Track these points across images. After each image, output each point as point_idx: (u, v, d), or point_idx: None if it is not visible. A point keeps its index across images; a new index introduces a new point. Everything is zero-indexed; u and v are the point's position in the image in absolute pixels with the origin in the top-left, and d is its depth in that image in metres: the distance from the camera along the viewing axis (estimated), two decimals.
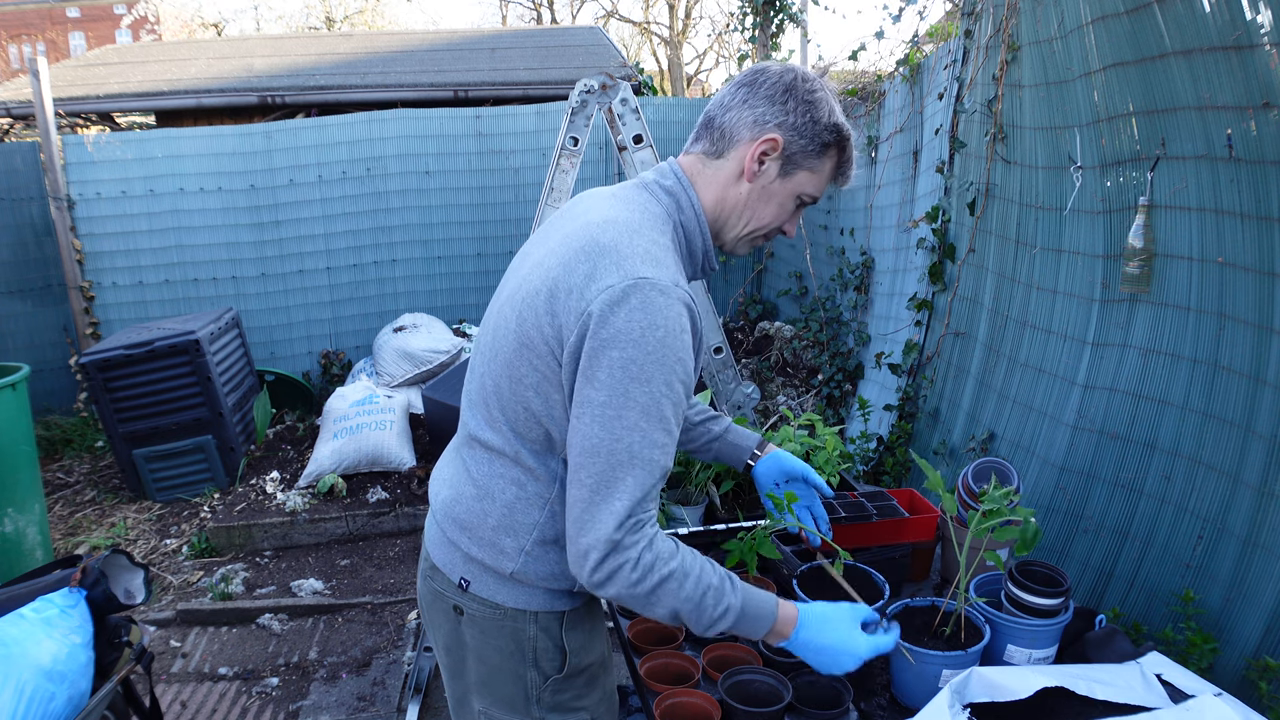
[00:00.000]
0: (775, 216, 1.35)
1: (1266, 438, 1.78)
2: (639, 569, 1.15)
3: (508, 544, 1.29)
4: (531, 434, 1.25)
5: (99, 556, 2.14)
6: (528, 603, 1.31)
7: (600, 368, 1.11)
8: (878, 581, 1.64)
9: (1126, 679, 1.40)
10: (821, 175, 1.33)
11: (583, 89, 3.64)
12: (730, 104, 1.30)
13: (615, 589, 1.16)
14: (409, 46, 8.39)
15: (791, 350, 5.21)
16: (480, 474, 1.31)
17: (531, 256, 1.32)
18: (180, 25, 18.03)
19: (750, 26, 6.33)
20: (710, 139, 1.32)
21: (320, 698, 3.01)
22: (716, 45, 22.48)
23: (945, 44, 3.58)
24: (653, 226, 1.26)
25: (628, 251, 1.17)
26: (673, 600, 1.18)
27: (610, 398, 1.11)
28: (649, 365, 1.11)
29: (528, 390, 1.22)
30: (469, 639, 1.36)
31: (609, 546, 1.13)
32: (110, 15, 30.47)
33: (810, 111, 1.27)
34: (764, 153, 1.28)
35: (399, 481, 4.42)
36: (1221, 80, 1.81)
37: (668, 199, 1.32)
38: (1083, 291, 2.43)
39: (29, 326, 5.51)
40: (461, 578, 1.34)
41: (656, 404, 1.13)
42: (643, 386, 1.11)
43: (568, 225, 1.29)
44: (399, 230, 5.91)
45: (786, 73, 1.29)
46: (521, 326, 1.21)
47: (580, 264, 1.17)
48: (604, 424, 1.12)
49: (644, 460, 1.13)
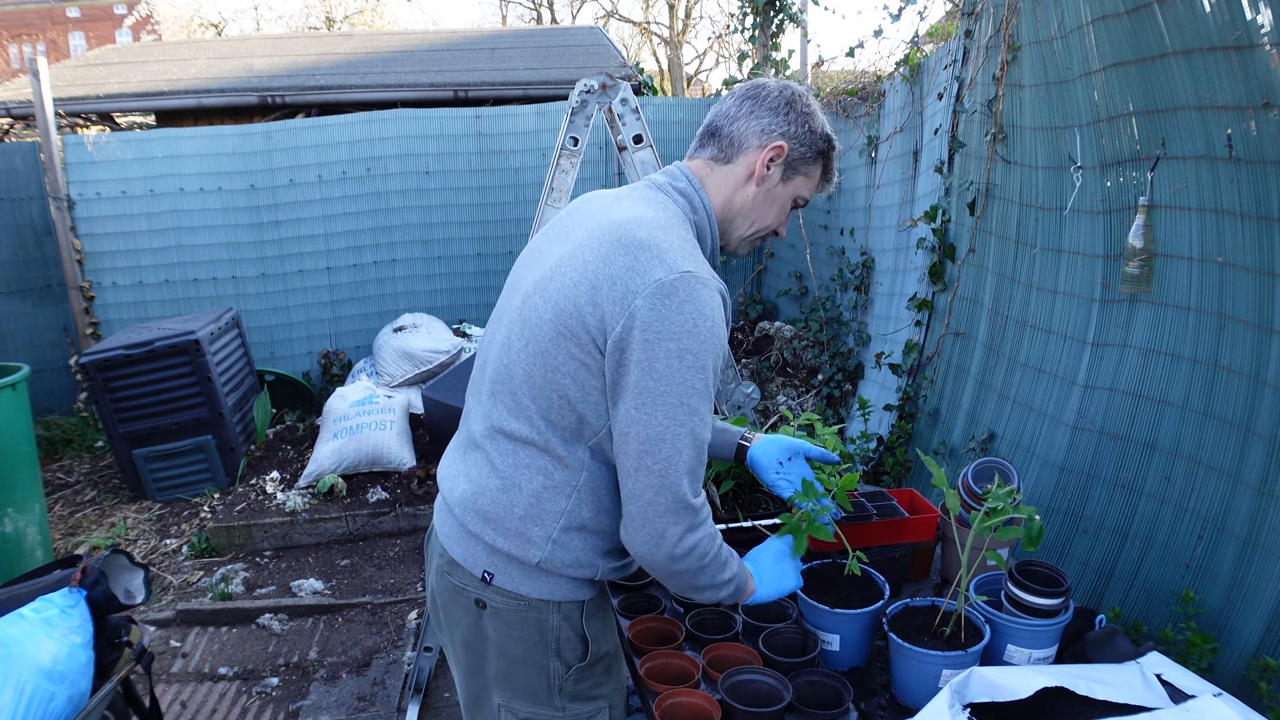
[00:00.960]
0: (775, 217, 1.48)
1: (1266, 438, 1.78)
2: (715, 542, 1.29)
3: (535, 533, 1.32)
4: (563, 421, 1.29)
5: (99, 556, 2.15)
6: (551, 592, 1.35)
7: (659, 359, 1.19)
8: (878, 581, 1.64)
9: (1126, 679, 1.40)
10: (814, 180, 1.48)
11: (583, 89, 3.64)
12: (736, 115, 1.43)
13: (690, 561, 1.26)
14: (409, 46, 8.39)
15: (791, 350, 5.21)
16: (505, 465, 1.33)
17: (553, 253, 1.35)
18: (180, 25, 18.03)
19: (750, 26, 6.33)
20: (718, 146, 1.44)
21: (320, 698, 3.01)
22: (716, 45, 22.50)
23: (945, 44, 3.58)
24: (678, 224, 1.34)
25: (665, 246, 1.24)
26: (716, 565, 1.30)
27: (670, 387, 1.19)
28: (703, 354, 1.21)
29: (565, 378, 1.26)
30: (491, 632, 1.38)
31: (689, 517, 1.24)
32: (110, 15, 30.48)
33: (808, 122, 1.42)
34: (772, 158, 1.41)
35: (399, 481, 4.42)
36: (1221, 80, 1.81)
37: (682, 200, 1.40)
38: (1083, 291, 2.43)
39: (29, 326, 5.51)
40: (485, 571, 1.36)
41: (708, 387, 1.23)
42: (699, 374, 1.21)
43: (589, 222, 1.34)
44: (399, 230, 5.91)
45: (785, 89, 1.44)
46: (559, 316, 1.25)
47: (619, 257, 1.23)
48: (667, 411, 1.20)
49: (700, 441, 1.24)
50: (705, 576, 1.30)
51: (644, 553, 1.26)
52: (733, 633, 1.67)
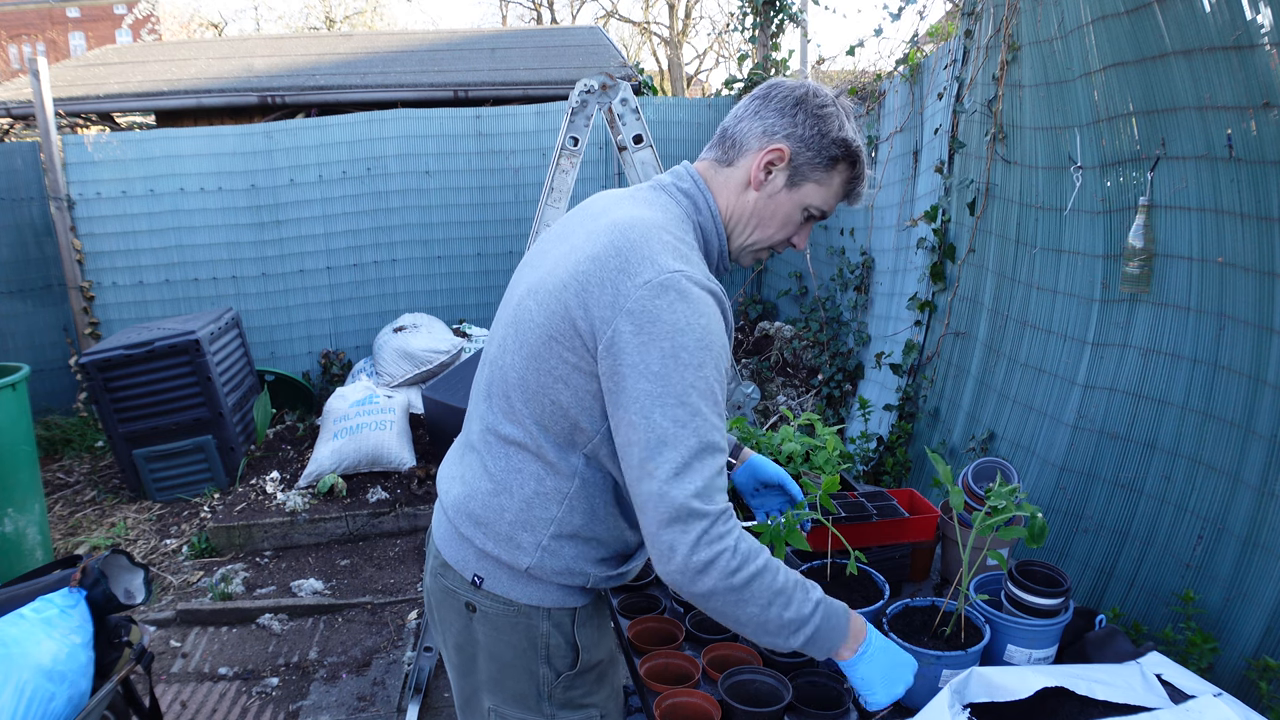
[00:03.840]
0: (781, 227, 1.38)
1: (1266, 438, 1.78)
2: (737, 556, 1.14)
3: (525, 539, 1.30)
4: (556, 426, 1.26)
5: (99, 556, 2.15)
6: (541, 599, 1.33)
7: (653, 360, 1.13)
8: (878, 581, 1.64)
9: (1126, 679, 1.40)
10: (829, 189, 1.35)
11: (583, 89, 3.64)
12: (743, 115, 1.35)
13: (712, 579, 1.12)
14: (409, 46, 8.39)
15: (791, 350, 5.21)
16: (498, 469, 1.31)
17: (551, 254, 1.33)
18: (180, 25, 18.04)
19: (750, 26, 6.33)
20: (722, 147, 1.37)
21: (320, 698, 3.01)
22: (716, 45, 22.50)
23: (945, 44, 3.58)
24: (677, 225, 1.30)
25: (658, 247, 1.20)
26: (766, 593, 1.15)
27: (668, 388, 1.13)
28: (700, 353, 1.15)
29: (556, 382, 1.23)
30: (481, 636, 1.37)
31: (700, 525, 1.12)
32: (110, 15, 30.48)
33: (819, 125, 1.31)
34: (770, 162, 1.32)
35: (399, 481, 4.42)
36: (1222, 80, 1.81)
37: (686, 201, 1.36)
38: (1083, 291, 2.43)
39: (29, 326, 5.51)
40: (475, 574, 1.35)
41: (710, 389, 1.16)
42: (697, 373, 1.14)
43: (589, 223, 1.31)
44: (399, 230, 5.91)
45: (799, 87, 1.33)
46: (550, 319, 1.23)
47: (611, 258, 1.19)
48: (667, 412, 1.13)
49: (709, 444, 1.14)
50: (753, 602, 1.15)
51: (661, 572, 1.15)
52: (732, 633, 1.67)
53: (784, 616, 1.18)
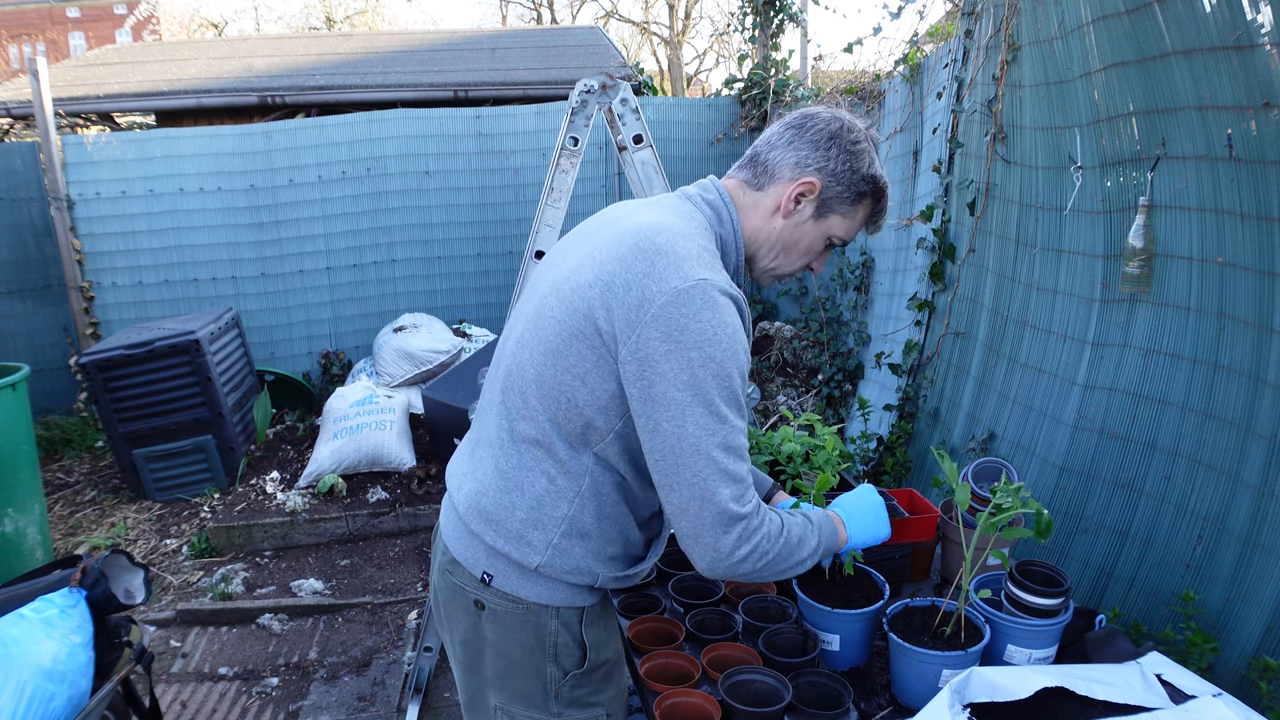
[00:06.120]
0: (804, 255, 1.43)
1: (1266, 438, 1.78)
2: (769, 539, 1.24)
3: (535, 537, 1.31)
4: (570, 424, 1.27)
5: (99, 556, 2.15)
6: (550, 598, 1.34)
7: (682, 370, 1.17)
8: (878, 581, 1.64)
9: (1126, 679, 1.40)
10: (853, 221, 1.41)
11: (583, 89, 3.64)
12: (776, 143, 1.38)
13: (750, 564, 1.22)
14: (409, 46, 8.39)
15: (791, 350, 5.21)
16: (509, 466, 1.32)
17: (573, 254, 1.35)
18: (180, 25, 18.04)
19: (750, 26, 6.33)
20: (753, 171, 1.40)
21: (320, 698, 3.01)
22: (716, 45, 22.50)
23: (945, 44, 3.58)
24: (700, 233, 1.32)
25: (683, 253, 1.22)
26: (790, 551, 1.28)
27: (697, 396, 1.17)
28: (726, 361, 1.19)
29: (574, 380, 1.25)
30: (489, 633, 1.38)
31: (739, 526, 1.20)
32: (110, 15, 30.48)
33: (851, 161, 1.35)
34: (801, 194, 1.36)
35: (399, 481, 4.42)
36: (1222, 80, 1.81)
37: (710, 211, 1.38)
38: (1083, 291, 2.43)
39: (29, 326, 5.51)
40: (485, 572, 1.35)
41: (735, 395, 1.21)
42: (724, 382, 1.19)
43: (613, 226, 1.33)
44: (399, 230, 5.91)
45: (834, 121, 1.37)
46: (572, 318, 1.25)
47: (636, 261, 1.22)
48: (698, 420, 1.17)
49: (736, 448, 1.21)
50: (783, 563, 1.27)
51: (706, 568, 1.23)
52: (733, 633, 1.67)
53: (802, 555, 1.31)
